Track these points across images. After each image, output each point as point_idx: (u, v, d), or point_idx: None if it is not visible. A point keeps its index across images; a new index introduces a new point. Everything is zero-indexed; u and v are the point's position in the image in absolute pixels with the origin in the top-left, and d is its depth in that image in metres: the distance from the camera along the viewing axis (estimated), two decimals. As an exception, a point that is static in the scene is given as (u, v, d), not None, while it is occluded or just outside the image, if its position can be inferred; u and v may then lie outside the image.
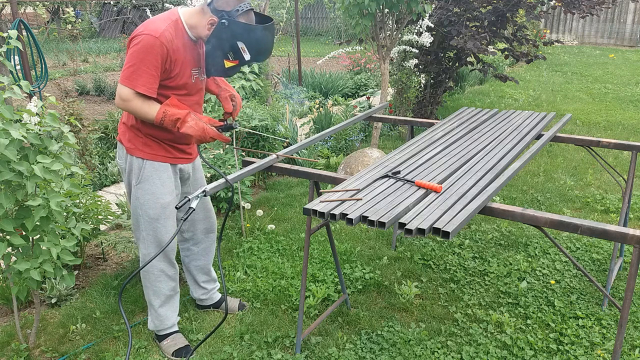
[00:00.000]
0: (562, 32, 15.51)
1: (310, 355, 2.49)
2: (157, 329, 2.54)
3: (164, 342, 2.54)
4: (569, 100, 7.91)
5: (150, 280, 2.47)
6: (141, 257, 2.47)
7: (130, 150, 2.32)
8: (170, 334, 2.55)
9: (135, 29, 2.16)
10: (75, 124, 3.53)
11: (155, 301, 2.50)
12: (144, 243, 2.41)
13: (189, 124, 2.15)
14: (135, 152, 2.31)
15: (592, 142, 2.80)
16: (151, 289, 2.48)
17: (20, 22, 4.76)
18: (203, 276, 2.77)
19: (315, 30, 18.27)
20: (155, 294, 2.49)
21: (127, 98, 2.11)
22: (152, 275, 2.46)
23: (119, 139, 2.38)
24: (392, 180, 2.15)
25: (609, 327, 2.65)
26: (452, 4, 5.76)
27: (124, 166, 2.37)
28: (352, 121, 3.07)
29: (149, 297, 2.51)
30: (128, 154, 2.33)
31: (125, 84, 2.09)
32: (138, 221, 2.39)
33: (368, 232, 3.74)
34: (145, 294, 2.52)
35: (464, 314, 2.79)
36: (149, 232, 2.38)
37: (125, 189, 2.49)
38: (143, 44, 2.07)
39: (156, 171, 2.32)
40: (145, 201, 2.34)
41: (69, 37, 14.03)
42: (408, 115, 6.07)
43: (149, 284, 2.48)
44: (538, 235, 3.64)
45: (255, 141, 4.47)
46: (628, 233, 1.71)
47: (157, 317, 2.52)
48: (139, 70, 2.08)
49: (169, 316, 2.54)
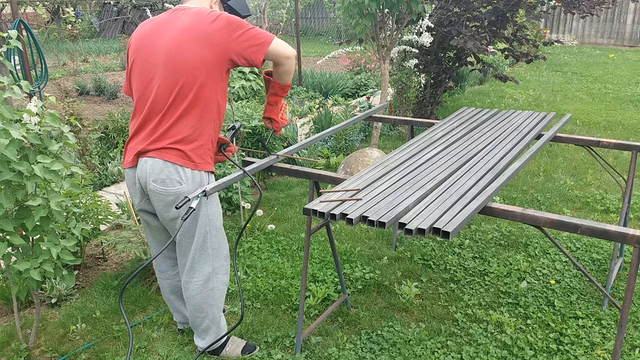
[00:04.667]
0: (562, 32, 15.51)
1: (310, 355, 2.49)
2: (216, 340, 2.39)
3: (227, 349, 2.45)
4: (569, 100, 7.91)
5: (216, 298, 2.30)
6: (205, 278, 2.25)
7: (200, 166, 2.10)
8: (227, 340, 2.48)
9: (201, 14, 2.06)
10: (75, 124, 3.54)
11: (220, 316, 2.38)
12: (211, 259, 2.23)
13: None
14: (206, 167, 2.13)
15: (592, 142, 2.80)
16: (216, 306, 2.32)
17: (20, 22, 4.76)
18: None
19: (315, 30, 18.27)
20: (219, 309, 2.36)
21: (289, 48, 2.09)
22: (218, 292, 2.31)
23: (182, 158, 2.06)
24: (392, 180, 2.15)
25: (609, 327, 2.65)
26: (452, 4, 5.76)
27: (187, 189, 2.08)
28: (352, 121, 3.07)
29: (215, 315, 2.33)
30: (196, 171, 2.09)
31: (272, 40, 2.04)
32: (205, 240, 2.19)
33: (368, 232, 3.74)
34: (209, 314, 2.32)
35: (464, 314, 2.79)
36: (215, 245, 2.24)
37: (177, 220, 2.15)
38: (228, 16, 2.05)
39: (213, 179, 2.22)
40: (213, 214, 2.20)
41: (69, 37, 14.03)
42: (408, 115, 6.07)
43: (214, 302, 2.30)
44: (538, 235, 3.64)
45: (255, 141, 4.47)
46: (628, 233, 1.71)
47: (219, 330, 2.40)
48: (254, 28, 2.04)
49: (225, 322, 2.45)
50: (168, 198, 2.09)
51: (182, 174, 2.07)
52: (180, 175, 2.07)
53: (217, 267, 2.27)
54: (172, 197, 2.09)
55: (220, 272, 2.30)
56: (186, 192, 2.08)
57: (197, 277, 2.26)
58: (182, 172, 2.07)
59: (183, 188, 2.08)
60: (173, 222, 2.18)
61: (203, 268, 2.25)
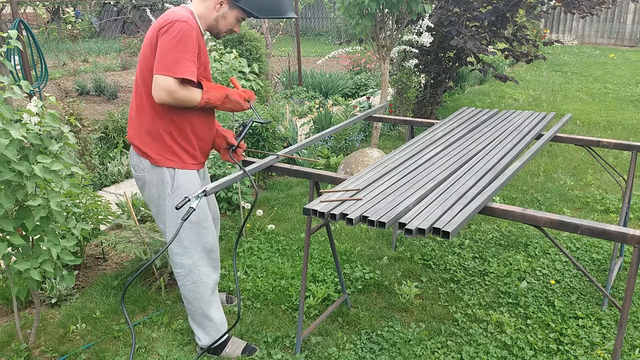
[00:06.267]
0: (562, 32, 15.51)
1: (310, 355, 2.49)
2: (215, 339, 2.42)
3: (227, 350, 2.46)
4: (569, 100, 7.91)
5: (200, 291, 2.35)
6: (186, 271, 2.33)
7: (158, 162, 2.22)
8: (227, 339, 2.49)
9: (157, 22, 2.09)
10: (75, 124, 3.54)
11: (211, 310, 2.39)
12: (188, 253, 2.30)
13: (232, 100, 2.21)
14: (166, 163, 2.22)
15: (592, 142, 2.80)
16: (202, 299, 2.36)
17: (20, 22, 4.76)
18: None
19: (315, 30, 18.27)
20: (207, 303, 2.38)
21: (173, 89, 2.00)
22: (202, 285, 2.35)
23: (140, 151, 2.24)
24: (392, 180, 2.15)
25: (609, 327, 2.65)
26: (452, 4, 5.76)
27: (149, 178, 2.25)
28: (352, 121, 3.07)
29: (203, 310, 2.38)
30: (156, 166, 2.22)
31: (167, 74, 1.98)
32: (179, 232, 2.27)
33: (368, 232, 3.74)
34: (197, 309, 2.38)
35: (464, 314, 2.79)
36: (192, 239, 2.29)
37: (150, 202, 2.34)
38: (178, 30, 2.00)
39: (187, 176, 2.28)
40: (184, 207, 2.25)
41: (69, 37, 14.04)
42: (408, 115, 6.07)
43: (199, 295, 2.35)
44: (538, 235, 3.64)
45: (255, 141, 4.47)
46: (628, 233, 1.71)
47: (214, 327, 2.42)
48: (179, 58, 1.99)
49: (223, 320, 2.46)
50: (139, 182, 2.33)
51: (144, 164, 2.26)
52: (143, 164, 2.26)
53: (197, 259, 2.33)
54: (140, 183, 2.32)
55: (202, 265, 2.34)
56: (149, 181, 2.26)
57: (178, 269, 2.35)
58: (144, 163, 2.25)
59: (146, 176, 2.26)
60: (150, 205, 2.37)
61: (182, 260, 2.33)
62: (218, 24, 2.22)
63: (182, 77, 2.00)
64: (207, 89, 2.15)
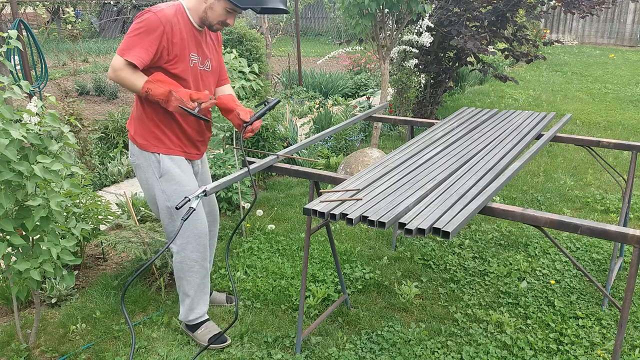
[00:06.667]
0: (562, 32, 15.51)
1: (310, 355, 2.49)
2: (190, 318, 2.57)
3: (198, 331, 2.58)
4: (569, 100, 7.91)
5: (184, 271, 2.49)
6: (176, 249, 2.48)
7: (143, 146, 2.35)
8: (202, 322, 2.60)
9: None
10: (75, 124, 3.54)
11: (190, 290, 2.53)
12: (180, 233, 2.42)
13: (172, 104, 2.21)
14: (150, 148, 2.35)
15: (592, 142, 2.80)
16: (185, 279, 2.51)
17: (20, 22, 4.76)
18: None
19: (315, 30, 18.27)
20: (190, 283, 2.51)
21: (118, 67, 2.14)
22: (186, 266, 2.48)
23: (131, 136, 2.40)
24: (392, 180, 2.15)
25: (609, 327, 2.65)
26: (452, 4, 5.76)
27: (138, 163, 2.40)
28: (352, 121, 3.07)
29: (184, 288, 2.53)
30: (142, 150, 2.36)
31: (119, 54, 2.15)
32: (171, 215, 2.42)
33: (368, 232, 3.74)
34: (179, 285, 2.54)
35: (464, 314, 2.79)
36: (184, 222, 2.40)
37: (142, 187, 2.49)
38: (144, 19, 2.16)
39: (174, 162, 2.38)
40: (172, 192, 2.38)
41: (69, 37, 14.04)
42: (408, 115, 6.07)
43: (183, 275, 2.50)
44: (538, 235, 3.64)
45: (255, 141, 4.47)
46: (628, 233, 1.71)
47: (191, 307, 2.55)
48: (134, 43, 2.14)
49: (202, 305, 2.58)
50: (133, 168, 2.48)
51: (134, 149, 2.41)
52: (133, 149, 2.41)
53: (184, 243, 2.45)
54: (134, 168, 2.46)
55: (188, 249, 2.46)
56: (139, 166, 2.41)
57: (172, 245, 2.49)
58: (133, 147, 2.40)
59: (136, 161, 2.41)
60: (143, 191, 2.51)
61: (175, 239, 2.45)
62: (207, 15, 2.29)
63: (129, 60, 2.12)
64: (152, 80, 2.19)
